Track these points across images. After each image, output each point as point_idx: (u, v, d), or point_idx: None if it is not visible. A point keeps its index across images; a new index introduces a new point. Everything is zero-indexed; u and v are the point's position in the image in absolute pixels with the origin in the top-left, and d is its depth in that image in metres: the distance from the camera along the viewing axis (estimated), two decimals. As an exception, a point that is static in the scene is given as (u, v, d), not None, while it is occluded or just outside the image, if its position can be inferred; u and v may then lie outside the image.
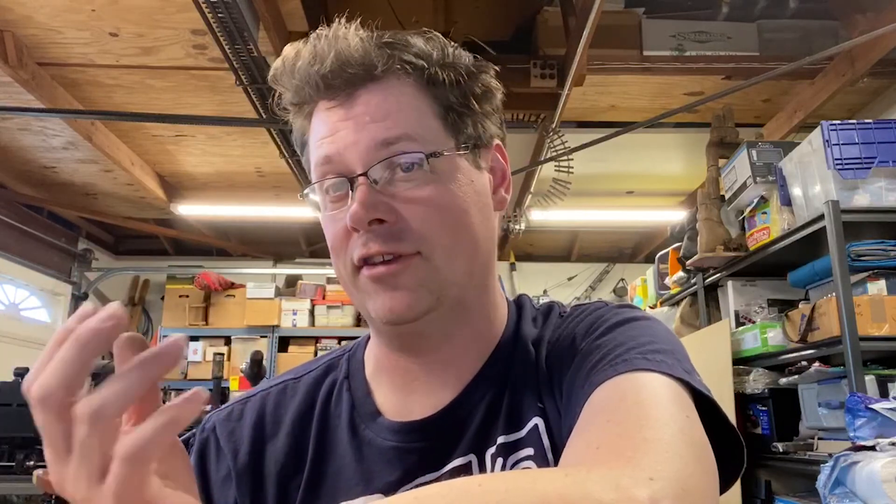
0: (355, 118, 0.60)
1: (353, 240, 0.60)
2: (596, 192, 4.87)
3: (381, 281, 0.59)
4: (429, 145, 0.60)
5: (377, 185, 0.59)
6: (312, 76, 0.60)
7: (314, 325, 5.59)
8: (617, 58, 3.15)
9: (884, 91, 3.47)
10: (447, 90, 0.62)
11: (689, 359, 0.59)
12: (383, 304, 0.60)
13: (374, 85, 0.60)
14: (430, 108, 0.62)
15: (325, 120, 0.62)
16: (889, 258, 2.16)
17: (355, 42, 0.60)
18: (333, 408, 0.68)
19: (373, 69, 0.60)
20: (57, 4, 2.76)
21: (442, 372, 0.65)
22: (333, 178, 0.61)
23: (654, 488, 0.40)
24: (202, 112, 3.66)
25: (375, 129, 0.59)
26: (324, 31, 0.61)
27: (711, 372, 2.65)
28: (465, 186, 0.62)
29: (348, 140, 0.60)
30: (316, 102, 0.63)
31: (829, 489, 1.78)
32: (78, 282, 5.62)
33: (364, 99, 0.60)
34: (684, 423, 0.48)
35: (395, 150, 0.59)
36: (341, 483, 0.63)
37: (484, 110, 0.65)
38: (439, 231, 0.60)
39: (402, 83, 0.61)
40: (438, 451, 0.62)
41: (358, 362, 0.71)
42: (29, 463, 3.11)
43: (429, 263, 0.60)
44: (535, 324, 0.69)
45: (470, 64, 0.64)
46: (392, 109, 0.60)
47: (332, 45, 0.60)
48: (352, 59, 0.59)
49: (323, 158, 0.61)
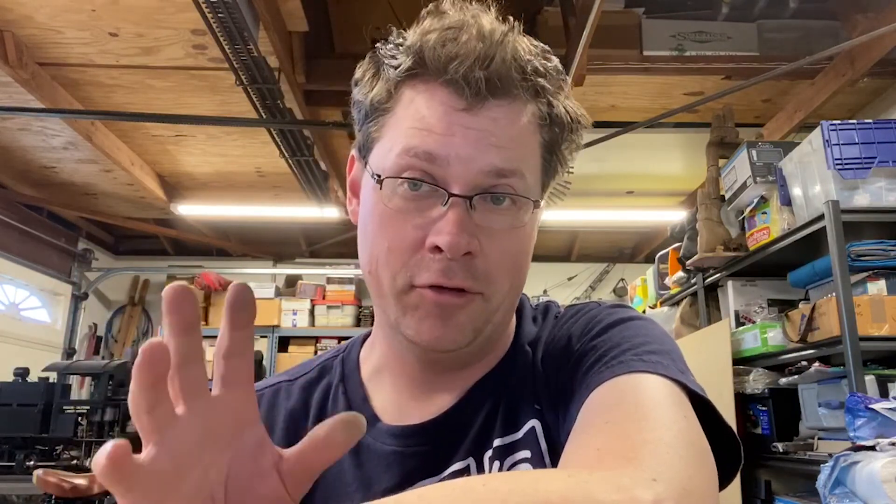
0: (480, 132, 0.55)
1: (423, 256, 0.57)
2: (596, 192, 4.87)
3: (441, 309, 0.57)
4: (531, 189, 0.58)
5: (473, 210, 0.56)
6: (461, 69, 0.54)
7: (314, 325, 5.60)
8: (617, 58, 3.15)
9: (884, 91, 3.47)
10: (558, 133, 0.60)
11: (683, 358, 0.59)
12: (430, 331, 0.58)
13: (506, 102, 0.56)
14: (539, 148, 0.60)
15: (442, 112, 0.56)
16: (889, 258, 2.16)
17: (517, 56, 0.56)
18: (329, 412, 0.67)
19: (516, 89, 0.56)
20: (57, 4, 2.76)
21: (448, 381, 0.65)
22: (421, 180, 0.56)
23: (656, 489, 0.40)
24: (202, 112, 3.66)
25: (496, 154, 0.56)
26: (474, 14, 0.56)
27: (711, 372, 2.65)
28: (533, 234, 0.62)
29: (464, 152, 0.55)
30: (436, 83, 0.57)
31: (829, 489, 1.78)
32: (78, 282, 5.62)
33: (495, 113, 0.56)
34: (683, 423, 0.49)
35: (505, 185, 0.56)
36: (339, 489, 0.62)
37: (565, 163, 0.63)
38: (506, 277, 0.59)
39: (530, 112, 0.58)
40: (438, 455, 0.61)
41: (353, 364, 0.70)
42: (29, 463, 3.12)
43: (487, 305, 0.59)
44: (535, 323, 0.69)
45: (578, 112, 0.62)
46: (515, 138, 0.57)
47: (497, 48, 0.55)
48: (508, 71, 0.55)
49: (421, 152, 0.56)
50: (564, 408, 0.58)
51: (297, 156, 3.73)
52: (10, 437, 3.22)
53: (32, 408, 3.31)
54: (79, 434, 3.32)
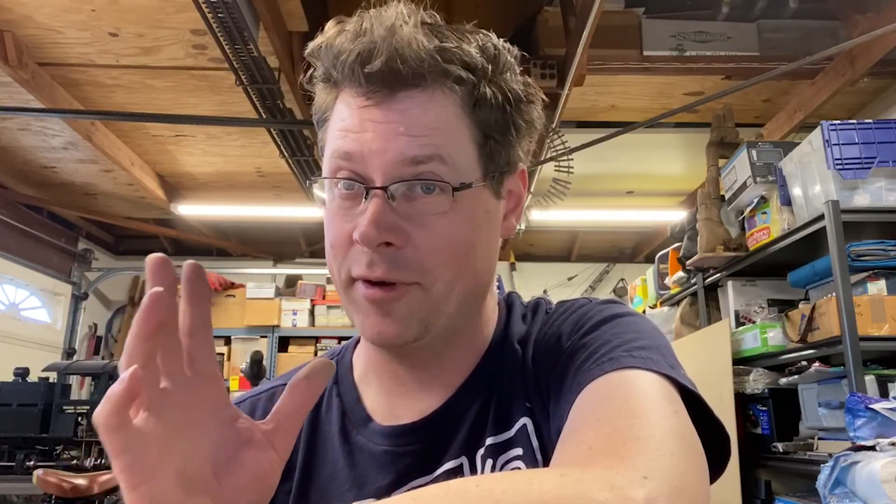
0: (389, 124, 0.56)
1: (355, 250, 0.58)
2: (596, 192, 4.87)
3: (375, 304, 0.58)
4: (458, 172, 0.57)
5: (394, 201, 0.56)
6: (356, 68, 0.56)
7: (314, 325, 5.59)
8: (617, 58, 3.15)
9: (884, 91, 3.47)
10: (491, 114, 0.59)
11: (674, 353, 0.59)
12: (372, 326, 0.59)
13: (417, 92, 0.56)
14: (468, 131, 0.58)
15: (354, 112, 0.57)
16: (889, 258, 2.16)
17: (412, 44, 0.55)
18: (324, 414, 0.68)
19: (422, 78, 0.56)
20: (57, 4, 2.76)
21: (432, 378, 0.65)
22: (348, 178, 0.58)
23: (648, 487, 0.40)
24: (202, 112, 3.66)
25: (407, 142, 0.56)
26: (377, 12, 0.56)
27: (711, 372, 2.65)
28: (480, 218, 0.60)
29: (375, 145, 0.56)
30: (350, 87, 0.58)
31: (829, 489, 1.78)
32: (78, 282, 5.63)
33: (403, 105, 0.56)
34: (674, 419, 0.49)
35: (421, 172, 0.56)
36: (333, 489, 0.63)
37: (520, 140, 0.62)
38: (444, 265, 0.58)
39: (448, 98, 0.57)
40: (430, 454, 0.62)
41: (346, 366, 0.71)
42: (29, 463, 3.12)
43: (426, 294, 0.58)
44: (525, 321, 0.69)
45: (520, 88, 0.61)
46: (430, 125, 0.56)
47: (387, 39, 0.55)
48: (404, 62, 0.55)
49: (342, 153, 0.58)
50: (556, 405, 0.58)
51: (297, 156, 3.73)
52: (10, 437, 3.23)
53: (32, 408, 3.31)
54: (79, 434, 3.32)
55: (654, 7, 3.21)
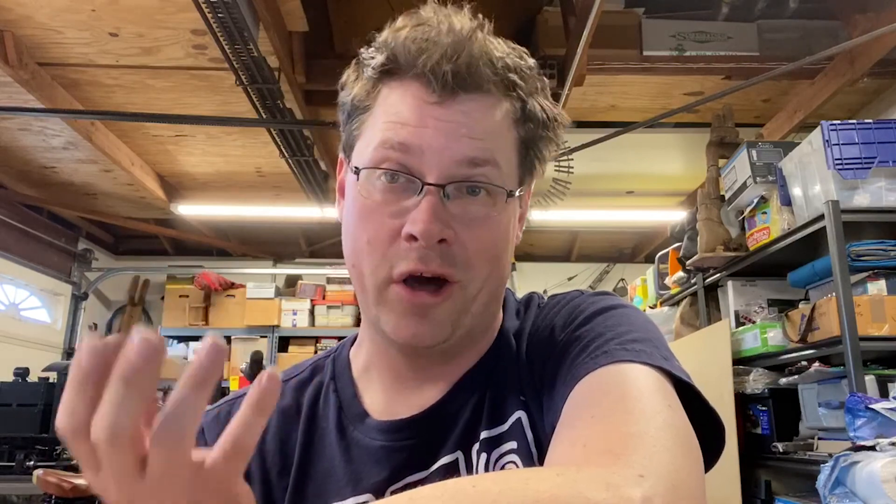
0: (452, 123, 0.57)
1: (399, 246, 0.58)
2: (596, 192, 4.87)
3: (417, 307, 0.58)
4: (506, 179, 0.60)
5: (448, 200, 0.57)
6: (441, 65, 0.56)
7: (314, 325, 5.59)
8: (617, 58, 3.15)
9: (884, 91, 3.47)
10: (535, 129, 0.62)
11: (667, 344, 0.59)
12: (408, 328, 0.59)
13: (480, 96, 0.58)
14: (516, 141, 0.61)
15: (414, 105, 0.58)
16: (889, 258, 2.16)
17: (489, 53, 0.58)
18: (321, 410, 0.68)
19: (487, 83, 0.58)
20: (57, 4, 2.76)
21: (434, 376, 0.65)
22: (397, 170, 0.58)
23: (644, 486, 0.40)
24: (202, 112, 3.66)
25: (469, 144, 0.57)
26: (445, 13, 0.58)
27: (711, 372, 2.65)
28: (513, 224, 0.63)
29: (437, 143, 0.57)
30: (410, 79, 0.59)
31: (829, 489, 1.78)
32: (78, 282, 5.62)
33: (466, 107, 0.58)
34: (668, 414, 0.49)
35: (477, 174, 0.58)
36: (330, 485, 0.63)
37: (545, 156, 0.65)
38: (483, 264, 0.59)
39: (504, 107, 0.60)
40: (426, 449, 0.62)
41: (343, 362, 0.71)
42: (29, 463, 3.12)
43: (464, 293, 0.59)
44: (519, 315, 0.70)
45: (554, 109, 0.64)
46: (489, 130, 0.58)
47: (465, 44, 0.57)
48: (479, 67, 0.57)
49: (396, 143, 0.57)
50: (550, 399, 0.58)
51: (297, 156, 3.73)
52: (10, 437, 3.22)
53: (32, 408, 3.31)
54: (79, 434, 3.31)
55: (654, 7, 3.21)
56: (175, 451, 0.36)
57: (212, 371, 0.36)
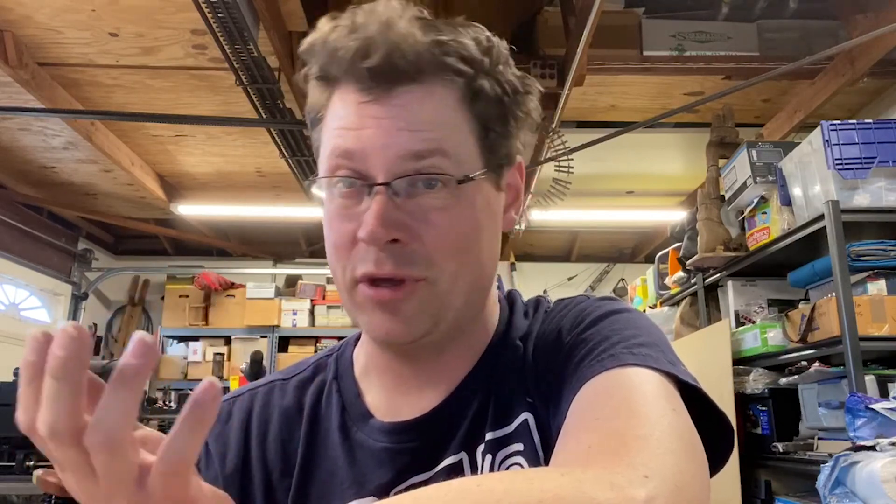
0: (390, 119, 0.55)
1: (359, 249, 0.58)
2: (596, 192, 4.87)
3: (382, 304, 0.58)
4: (460, 165, 0.57)
5: (397, 197, 0.56)
6: (355, 64, 0.55)
7: (314, 325, 5.60)
8: (617, 58, 3.15)
9: (884, 91, 3.47)
10: (489, 107, 0.59)
11: (672, 348, 0.59)
12: (380, 325, 0.58)
13: (416, 86, 0.56)
14: (468, 124, 0.58)
15: (354, 109, 0.57)
16: (889, 258, 2.16)
17: (410, 38, 0.54)
18: (324, 410, 0.67)
19: (420, 72, 0.56)
20: (57, 4, 2.76)
21: (433, 375, 0.65)
22: (348, 177, 0.57)
23: (649, 487, 0.40)
24: (202, 112, 3.66)
25: (409, 137, 0.55)
26: (371, 7, 0.56)
27: (711, 372, 2.65)
28: (483, 210, 0.60)
29: (376, 142, 0.56)
30: (346, 84, 0.58)
31: (829, 489, 1.78)
32: (78, 282, 5.62)
33: (403, 100, 0.56)
34: (673, 417, 0.49)
35: (424, 166, 0.56)
36: (333, 486, 0.62)
37: (519, 132, 0.63)
38: (449, 257, 0.58)
39: (447, 91, 0.57)
40: (430, 450, 0.61)
41: (346, 362, 0.70)
42: (29, 463, 3.11)
43: (433, 289, 0.58)
44: (527, 317, 0.69)
45: (516, 80, 0.61)
46: (430, 119, 0.56)
47: (384, 34, 0.54)
48: (403, 56, 0.54)
49: (342, 151, 0.57)
50: (556, 401, 0.58)
51: (297, 156, 3.73)
52: (10, 437, 3.22)
53: (32, 408, 3.30)
54: (79, 434, 3.31)
55: (654, 7, 3.20)
56: (110, 454, 0.35)
57: (139, 369, 0.35)
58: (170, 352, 5.69)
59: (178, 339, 5.73)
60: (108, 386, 0.35)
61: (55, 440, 0.36)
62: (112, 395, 0.35)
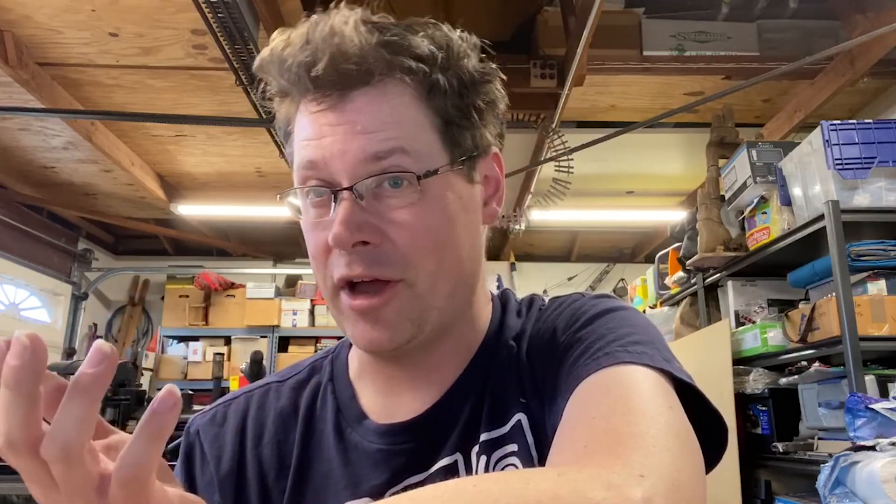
0: (346, 125, 0.56)
1: (334, 256, 0.58)
2: (596, 192, 4.87)
3: (361, 313, 0.58)
4: (423, 161, 0.57)
5: (362, 200, 0.56)
6: (303, 75, 0.56)
7: (314, 325, 5.60)
8: (617, 58, 3.15)
9: (884, 91, 3.47)
10: (448, 100, 0.59)
11: (668, 346, 0.59)
12: (363, 334, 0.59)
13: (369, 88, 0.56)
14: (427, 120, 0.58)
15: (312, 120, 0.58)
16: (889, 258, 2.16)
17: (354, 42, 0.55)
18: (318, 411, 0.68)
19: (370, 74, 0.56)
20: (57, 4, 2.76)
21: (425, 376, 0.65)
22: (316, 186, 0.58)
23: (645, 486, 0.40)
24: (202, 112, 3.66)
25: (367, 140, 0.56)
26: (319, 18, 0.56)
27: (711, 372, 2.65)
28: (454, 204, 0.59)
29: (335, 148, 0.56)
30: (304, 96, 0.59)
31: (829, 489, 1.78)
32: (78, 282, 5.62)
33: (357, 104, 0.56)
34: (668, 415, 0.49)
35: (385, 166, 0.56)
36: (328, 488, 0.63)
37: (485, 121, 0.62)
38: (425, 256, 0.58)
39: (401, 90, 0.57)
40: (425, 451, 0.62)
41: (342, 364, 0.70)
42: (29, 463, 3.10)
43: (412, 291, 0.58)
44: (520, 316, 0.69)
45: (475, 71, 0.60)
46: (386, 119, 0.56)
47: (328, 41, 0.54)
48: (348, 60, 0.55)
49: (307, 163, 0.58)
50: (551, 401, 0.58)
51: (297, 156, 3.73)
52: (10, 437, 3.22)
53: (32, 408, 3.31)
54: (79, 434, 3.31)
55: (654, 7, 3.21)
56: (67, 465, 0.35)
57: (95, 378, 0.35)
58: (170, 352, 5.69)
59: (178, 339, 5.73)
60: (65, 396, 0.35)
61: (11, 451, 0.36)
62: (67, 406, 0.35)
